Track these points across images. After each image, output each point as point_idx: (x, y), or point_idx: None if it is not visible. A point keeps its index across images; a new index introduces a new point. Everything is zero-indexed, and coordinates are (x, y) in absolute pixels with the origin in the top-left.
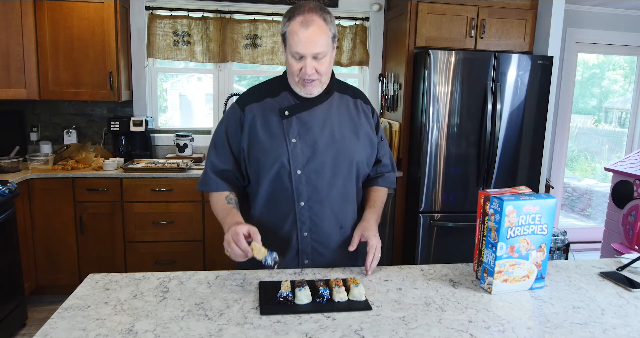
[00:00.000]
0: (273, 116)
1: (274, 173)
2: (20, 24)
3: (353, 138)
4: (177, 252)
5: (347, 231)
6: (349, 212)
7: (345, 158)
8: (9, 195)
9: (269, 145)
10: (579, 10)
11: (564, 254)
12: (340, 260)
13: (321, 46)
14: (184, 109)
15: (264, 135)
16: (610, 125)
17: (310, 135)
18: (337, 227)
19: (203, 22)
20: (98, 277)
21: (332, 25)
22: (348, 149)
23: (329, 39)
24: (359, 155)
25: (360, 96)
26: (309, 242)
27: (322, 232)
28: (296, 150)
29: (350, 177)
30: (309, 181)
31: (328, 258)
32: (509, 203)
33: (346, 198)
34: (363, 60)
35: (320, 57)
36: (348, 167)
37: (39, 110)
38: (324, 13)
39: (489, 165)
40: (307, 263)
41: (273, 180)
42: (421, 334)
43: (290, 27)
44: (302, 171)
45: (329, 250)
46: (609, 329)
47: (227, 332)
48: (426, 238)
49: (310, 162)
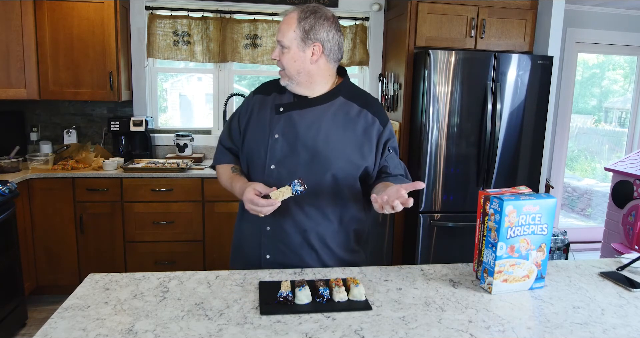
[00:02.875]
0: (268, 110)
1: (251, 163)
2: (20, 24)
3: (339, 147)
4: (177, 252)
5: (313, 237)
6: (316, 219)
7: (322, 164)
8: (9, 195)
9: (254, 135)
10: (579, 10)
11: (564, 254)
12: (303, 264)
13: (283, 36)
14: (184, 109)
15: (255, 127)
16: (610, 125)
17: (293, 133)
18: (300, 230)
19: (203, 22)
20: (98, 277)
21: (307, 26)
22: (327, 157)
23: (295, 35)
24: (339, 166)
25: (370, 107)
26: (271, 237)
27: (283, 232)
28: (276, 145)
29: (324, 185)
30: (280, 177)
31: (290, 258)
32: (509, 203)
33: (316, 205)
34: (363, 60)
35: (284, 48)
36: (323, 173)
37: (39, 110)
38: (306, 14)
39: (489, 165)
40: (268, 258)
41: (250, 170)
42: (421, 334)
43: None
44: (275, 166)
45: (290, 251)
46: (609, 329)
47: (227, 332)
48: (426, 238)
49: (286, 159)
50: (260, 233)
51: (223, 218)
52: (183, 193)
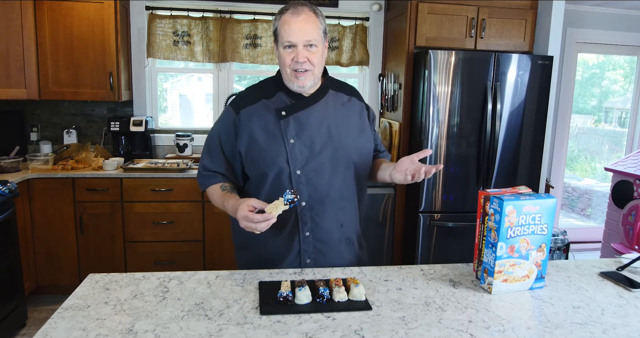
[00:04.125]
0: (270, 117)
1: (274, 174)
2: (20, 24)
3: (350, 135)
4: (177, 252)
5: (348, 229)
6: (348, 210)
7: (343, 156)
8: (9, 195)
9: (268, 146)
10: (579, 10)
11: (564, 254)
12: (341, 259)
13: (312, 34)
14: (184, 109)
15: (262, 137)
16: (610, 125)
17: (307, 134)
18: (339, 225)
19: (203, 22)
20: (98, 277)
21: (323, 20)
22: (345, 147)
23: (320, 31)
24: (356, 152)
25: (354, 94)
26: (311, 242)
27: (323, 231)
28: (295, 150)
29: (349, 175)
30: (309, 181)
31: (329, 257)
32: (509, 203)
33: (346, 196)
34: (363, 60)
35: (312, 47)
36: (346, 165)
37: (39, 110)
38: (314, 8)
39: (489, 165)
40: (309, 262)
41: (273, 182)
42: (421, 334)
43: (282, 20)
44: (301, 171)
45: (330, 249)
46: (609, 329)
47: (227, 332)
48: (426, 238)
49: (310, 162)
50: (298, 240)
51: (223, 218)
52: (183, 193)
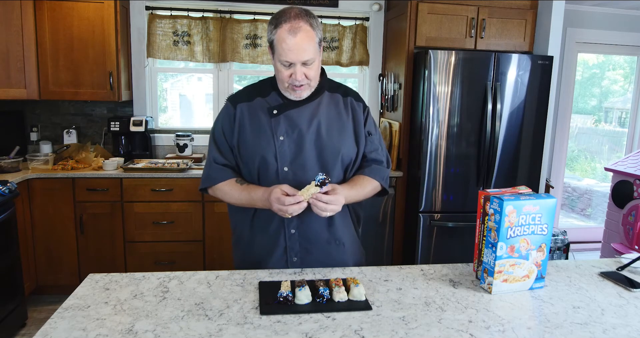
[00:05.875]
0: (262, 115)
1: (262, 170)
2: (20, 24)
3: (339, 136)
4: (177, 252)
5: (337, 230)
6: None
7: (331, 154)
8: (9, 195)
9: (257, 142)
10: (579, 10)
11: (564, 254)
12: (330, 259)
13: (309, 53)
14: (184, 109)
15: (252, 133)
16: (610, 125)
17: (297, 132)
18: (326, 225)
19: (203, 22)
20: (98, 277)
21: (319, 29)
22: (334, 146)
23: (316, 44)
24: (345, 153)
25: (351, 94)
26: (297, 239)
27: (309, 229)
28: (283, 147)
29: (337, 174)
30: (296, 177)
31: (317, 257)
32: (509, 203)
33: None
34: (363, 60)
35: (309, 63)
36: (334, 164)
37: (39, 110)
38: (310, 18)
39: (489, 165)
40: (295, 261)
41: (261, 177)
42: (421, 334)
43: (278, 35)
44: (288, 168)
45: (317, 248)
46: (609, 329)
47: (227, 332)
48: (426, 238)
49: (297, 159)
50: (283, 238)
51: (223, 218)
52: (183, 193)
